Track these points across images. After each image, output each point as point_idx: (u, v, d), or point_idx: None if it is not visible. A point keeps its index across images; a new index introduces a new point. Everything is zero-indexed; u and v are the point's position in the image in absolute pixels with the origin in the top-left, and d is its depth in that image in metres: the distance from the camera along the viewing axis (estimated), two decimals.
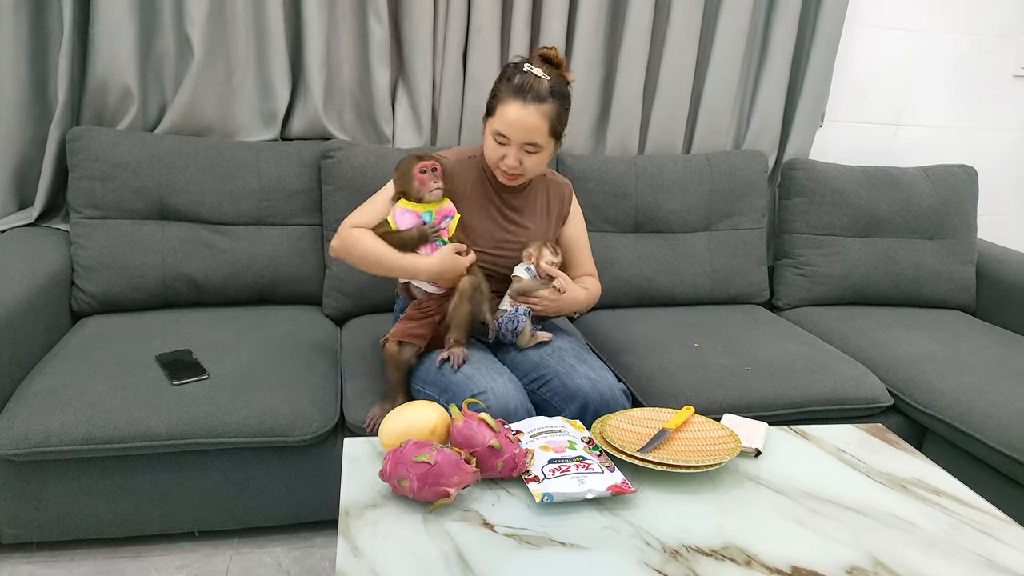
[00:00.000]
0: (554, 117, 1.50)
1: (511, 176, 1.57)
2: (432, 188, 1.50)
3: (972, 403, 1.78)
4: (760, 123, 2.44)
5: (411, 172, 1.50)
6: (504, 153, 1.53)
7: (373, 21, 2.07)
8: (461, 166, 1.64)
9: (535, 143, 1.51)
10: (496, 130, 1.51)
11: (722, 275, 2.31)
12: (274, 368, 1.69)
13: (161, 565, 1.63)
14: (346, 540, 1.02)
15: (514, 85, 1.48)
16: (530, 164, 1.54)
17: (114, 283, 1.92)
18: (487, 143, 1.56)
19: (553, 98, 1.49)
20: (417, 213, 1.52)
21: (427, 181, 1.50)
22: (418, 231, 1.51)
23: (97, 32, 1.93)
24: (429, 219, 1.53)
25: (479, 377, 1.48)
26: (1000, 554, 1.08)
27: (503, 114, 1.48)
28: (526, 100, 1.47)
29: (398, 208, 1.54)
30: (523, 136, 1.49)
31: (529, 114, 1.47)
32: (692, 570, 1.00)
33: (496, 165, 1.56)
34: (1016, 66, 2.65)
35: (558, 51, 1.54)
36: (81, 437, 1.47)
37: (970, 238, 2.43)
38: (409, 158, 1.52)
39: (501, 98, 1.49)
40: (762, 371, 1.83)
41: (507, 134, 1.49)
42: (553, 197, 1.72)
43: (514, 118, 1.47)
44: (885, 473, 1.28)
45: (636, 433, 1.30)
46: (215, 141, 2.04)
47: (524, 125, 1.48)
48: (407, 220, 1.53)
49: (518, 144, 1.50)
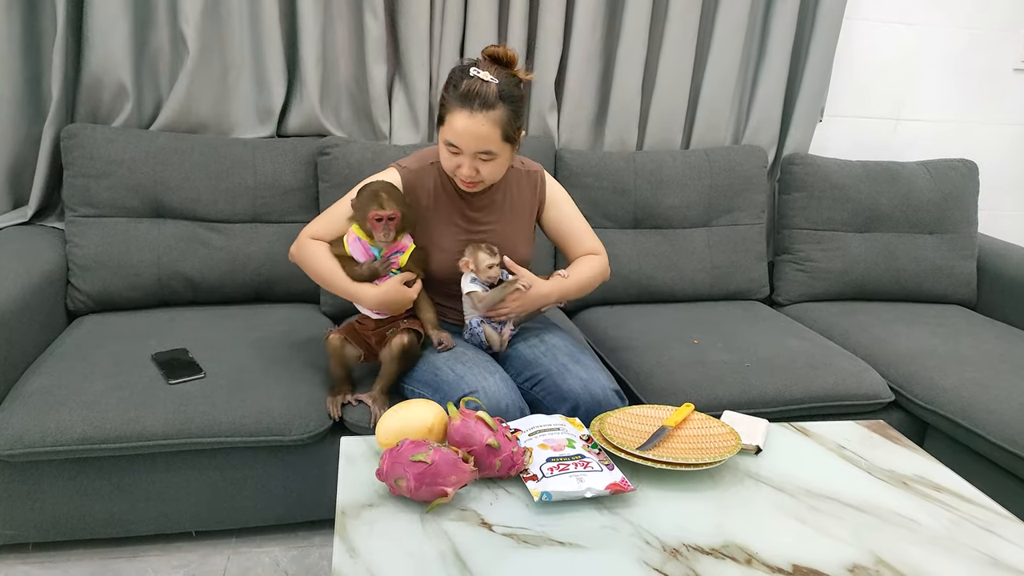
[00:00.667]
0: (505, 122, 1.43)
1: (471, 184, 1.52)
2: (382, 240, 1.47)
3: (974, 398, 1.77)
4: (759, 118, 2.43)
5: (367, 214, 1.46)
6: (458, 163, 1.47)
7: (369, 17, 2.06)
8: (422, 174, 1.60)
9: (488, 151, 1.45)
10: (446, 140, 1.45)
11: (722, 271, 2.29)
12: (271, 367, 1.67)
13: (158, 565, 1.62)
14: (343, 540, 1.01)
15: (460, 93, 1.41)
16: (487, 171, 1.49)
17: (109, 282, 1.91)
18: (441, 153, 1.51)
19: (503, 102, 1.41)
20: (367, 246, 1.51)
21: (378, 230, 1.46)
22: (368, 269, 1.51)
23: (91, 29, 1.91)
24: (378, 254, 1.52)
25: (471, 376, 1.47)
26: (1003, 551, 1.07)
27: (451, 124, 1.42)
28: (473, 108, 1.40)
29: (352, 233, 1.52)
30: (474, 146, 1.43)
31: (478, 123, 1.40)
32: (692, 569, 0.99)
33: (453, 174, 1.52)
34: (1016, 60, 2.63)
35: (508, 48, 1.47)
36: (77, 437, 1.46)
37: (970, 233, 2.42)
38: (372, 196, 1.46)
39: (448, 107, 1.43)
40: (762, 367, 1.82)
41: (457, 144, 1.44)
42: (523, 188, 1.66)
43: (462, 128, 1.41)
44: (886, 470, 1.27)
45: (635, 431, 1.29)
46: (211, 138, 2.02)
47: (473, 134, 1.41)
48: (358, 250, 1.51)
49: (471, 153, 1.45)
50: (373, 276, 1.51)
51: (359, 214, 1.49)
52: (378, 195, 1.46)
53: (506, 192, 1.65)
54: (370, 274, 1.51)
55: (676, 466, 1.16)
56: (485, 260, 1.54)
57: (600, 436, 1.23)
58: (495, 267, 1.55)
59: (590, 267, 1.67)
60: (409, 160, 1.63)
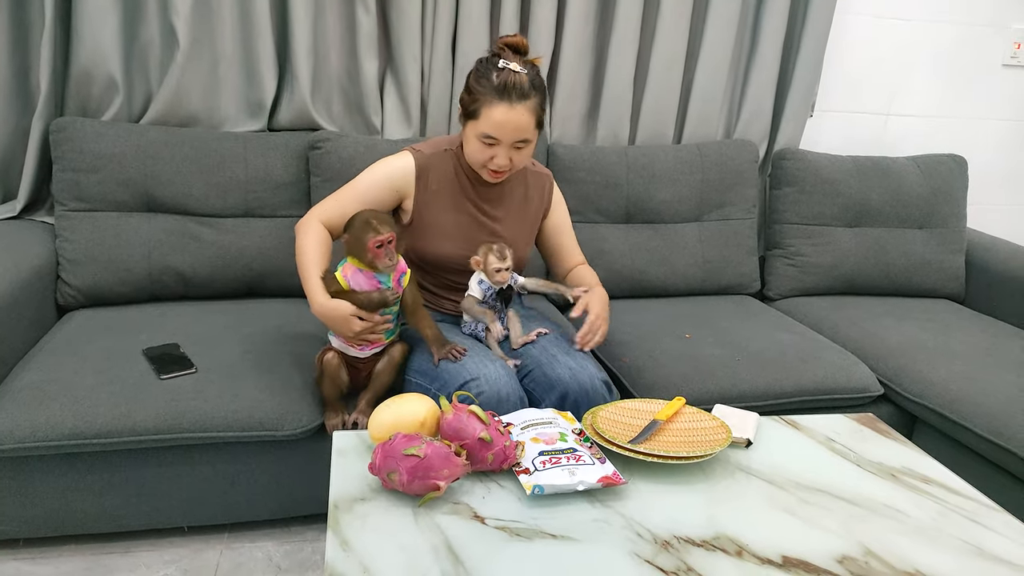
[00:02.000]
0: (539, 110, 1.49)
1: (500, 174, 1.55)
2: (387, 264, 1.45)
3: (961, 392, 1.78)
4: (751, 112, 2.43)
5: (366, 243, 1.43)
6: (492, 154, 1.51)
7: (361, 11, 2.05)
8: (435, 159, 1.61)
9: (525, 139, 1.50)
10: (483, 133, 1.48)
11: (713, 265, 2.30)
12: (263, 362, 1.67)
13: (150, 560, 1.62)
14: (335, 534, 1.01)
15: (495, 85, 1.44)
16: (519, 159, 1.53)
17: (100, 276, 1.90)
18: (471, 145, 1.52)
19: (535, 91, 1.47)
20: (372, 275, 1.48)
21: (382, 256, 1.44)
22: (380, 296, 1.47)
23: (80, 21, 1.90)
24: (388, 283, 1.49)
25: (471, 364, 1.47)
26: (988, 541, 1.09)
27: (489, 116, 1.46)
28: (512, 100, 1.44)
29: (350, 267, 1.49)
30: (513, 136, 1.48)
31: (518, 114, 1.45)
32: (683, 561, 1.00)
33: (483, 166, 1.54)
34: (1005, 55, 2.65)
35: (521, 36, 1.51)
36: (67, 432, 1.46)
37: (959, 227, 2.44)
38: (363, 225, 1.44)
39: (483, 100, 1.46)
40: (753, 361, 1.83)
41: (497, 136, 1.47)
42: (532, 188, 1.70)
43: (503, 119, 1.45)
44: (875, 462, 1.29)
45: (627, 424, 1.29)
46: (201, 132, 2.02)
47: (515, 125, 1.46)
48: (360, 281, 1.48)
49: (508, 144, 1.49)
50: (383, 303, 1.48)
51: (356, 246, 1.45)
52: (369, 222, 1.43)
53: (515, 189, 1.67)
54: (381, 300, 1.47)
55: (667, 459, 1.17)
56: (494, 263, 1.53)
57: (592, 430, 1.24)
58: (503, 272, 1.54)
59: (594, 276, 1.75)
60: (423, 145, 1.64)
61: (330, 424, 1.56)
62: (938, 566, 1.02)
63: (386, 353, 1.58)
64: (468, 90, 1.51)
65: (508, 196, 1.66)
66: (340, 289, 1.48)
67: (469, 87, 1.50)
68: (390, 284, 1.50)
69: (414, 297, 1.56)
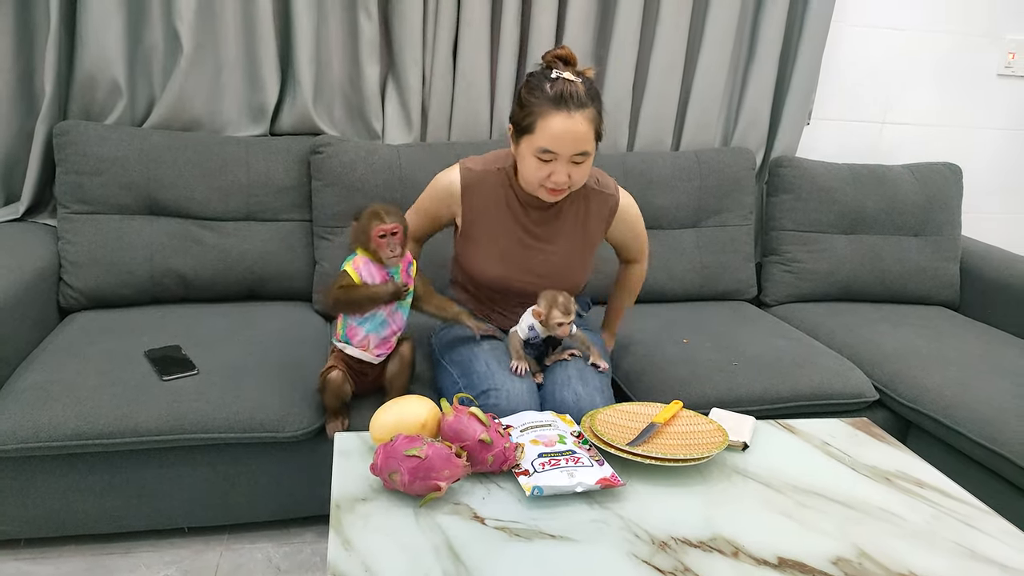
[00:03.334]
0: (597, 120, 1.41)
1: (559, 192, 1.46)
2: (390, 255, 1.44)
3: (956, 398, 1.80)
4: (748, 120, 2.46)
5: (370, 232, 1.43)
6: (551, 170, 1.42)
7: (363, 17, 2.07)
8: (485, 177, 1.55)
9: (584, 151, 1.41)
10: (540, 148, 1.40)
11: (710, 271, 2.32)
12: (264, 364, 1.68)
13: (150, 561, 1.63)
14: (337, 533, 1.03)
15: (552, 96, 1.37)
16: (578, 175, 1.45)
17: (102, 279, 1.91)
18: (527, 164, 1.44)
19: (592, 100, 1.40)
20: (380, 267, 1.48)
21: (384, 247, 1.43)
22: (393, 287, 1.47)
23: (84, 26, 1.92)
24: (397, 275, 1.49)
25: (500, 375, 1.47)
26: (981, 544, 1.10)
27: (547, 129, 1.37)
28: (570, 109, 1.36)
29: (360, 259, 1.48)
30: (573, 147, 1.39)
31: (576, 123, 1.37)
32: (680, 562, 1.02)
33: (541, 184, 1.45)
34: (1000, 65, 2.68)
35: (569, 49, 1.45)
36: (70, 433, 1.47)
37: (954, 235, 2.46)
38: (371, 214, 1.44)
39: (539, 112, 1.38)
40: (750, 366, 1.85)
41: (555, 149, 1.39)
42: (593, 208, 1.60)
43: (561, 130, 1.37)
44: (870, 466, 1.30)
45: (625, 427, 1.31)
46: (204, 136, 2.03)
47: (574, 136, 1.38)
48: (372, 273, 1.47)
49: (567, 157, 1.40)
50: (396, 295, 1.48)
51: (362, 237, 1.46)
52: (377, 212, 1.44)
53: (570, 211, 1.59)
54: (395, 292, 1.47)
55: (664, 461, 1.19)
56: (557, 318, 1.48)
57: (590, 432, 1.25)
58: (565, 326, 1.49)
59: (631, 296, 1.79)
60: (476, 160, 1.58)
61: (331, 427, 1.58)
62: (931, 569, 1.04)
63: (396, 354, 1.57)
64: (520, 103, 1.43)
65: (563, 218, 1.58)
66: (351, 282, 1.47)
67: (521, 100, 1.42)
68: (398, 274, 1.49)
69: (424, 284, 1.55)
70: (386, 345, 1.54)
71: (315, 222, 2.06)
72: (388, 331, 1.53)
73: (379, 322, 1.50)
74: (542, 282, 1.57)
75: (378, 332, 1.51)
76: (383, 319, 1.50)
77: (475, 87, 2.20)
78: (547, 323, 1.49)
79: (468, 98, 2.21)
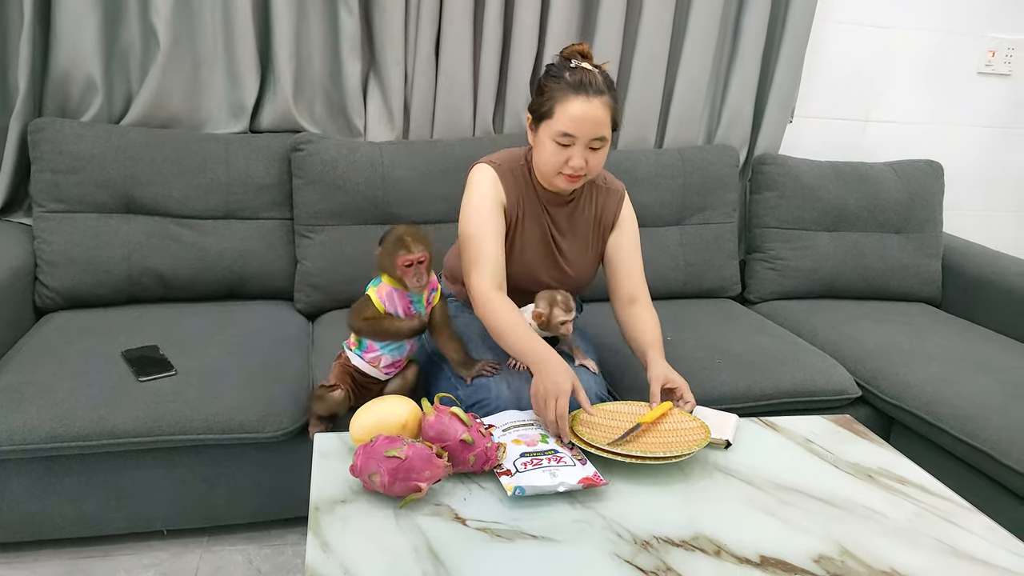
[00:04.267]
0: (614, 109, 1.44)
1: (575, 179, 1.46)
2: (416, 284, 1.40)
3: (938, 394, 1.81)
4: (731, 118, 2.46)
5: (395, 261, 1.38)
6: (568, 156, 1.43)
7: (344, 12, 2.05)
8: (514, 176, 1.54)
9: (602, 137, 1.43)
10: (559, 131, 1.41)
11: (694, 269, 2.32)
12: (244, 364, 1.66)
13: (129, 564, 1.61)
14: (316, 536, 1.01)
15: (571, 82, 1.40)
16: (595, 162, 1.46)
17: (79, 278, 1.88)
18: (545, 149, 1.45)
19: (609, 89, 1.43)
20: (405, 294, 1.44)
21: (410, 275, 1.39)
22: (419, 323, 1.45)
23: (59, 21, 1.88)
24: (419, 306, 1.46)
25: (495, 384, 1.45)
26: (962, 541, 1.11)
27: (566, 112, 1.40)
28: (589, 94, 1.39)
29: (384, 287, 1.44)
30: (591, 131, 1.41)
31: (595, 107, 1.40)
32: (663, 561, 1.01)
33: (558, 171, 1.45)
34: (981, 63, 2.69)
35: (586, 44, 1.48)
36: (45, 435, 1.44)
37: (936, 232, 2.47)
38: (396, 241, 1.39)
39: (559, 98, 1.41)
40: (733, 364, 1.85)
41: (574, 132, 1.41)
42: (603, 207, 1.61)
43: (580, 114, 1.39)
44: (852, 463, 1.30)
45: (609, 427, 1.30)
46: (182, 133, 2.01)
47: (593, 119, 1.40)
48: (395, 302, 1.44)
49: (585, 142, 1.42)
50: (422, 329, 1.46)
51: (387, 262, 1.40)
52: (403, 239, 1.38)
53: (585, 210, 1.60)
54: (420, 326, 1.45)
55: (645, 460, 1.18)
56: (560, 316, 1.47)
57: (572, 432, 1.24)
58: (567, 324, 1.48)
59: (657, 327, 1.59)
60: (493, 158, 1.56)
61: (313, 429, 1.56)
62: (913, 565, 1.04)
63: (400, 375, 1.55)
64: (540, 91, 1.46)
65: (577, 220, 1.59)
66: (376, 313, 1.44)
67: (541, 87, 1.45)
68: (422, 304, 1.47)
69: (443, 316, 1.51)
70: (396, 365, 1.53)
71: (296, 220, 2.04)
72: (403, 354, 1.51)
73: (396, 346, 1.49)
74: (563, 279, 1.58)
75: (392, 356, 1.50)
76: (401, 344, 1.49)
77: (458, 84, 2.18)
78: (549, 323, 1.48)
79: (451, 95, 2.19)
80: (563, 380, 1.28)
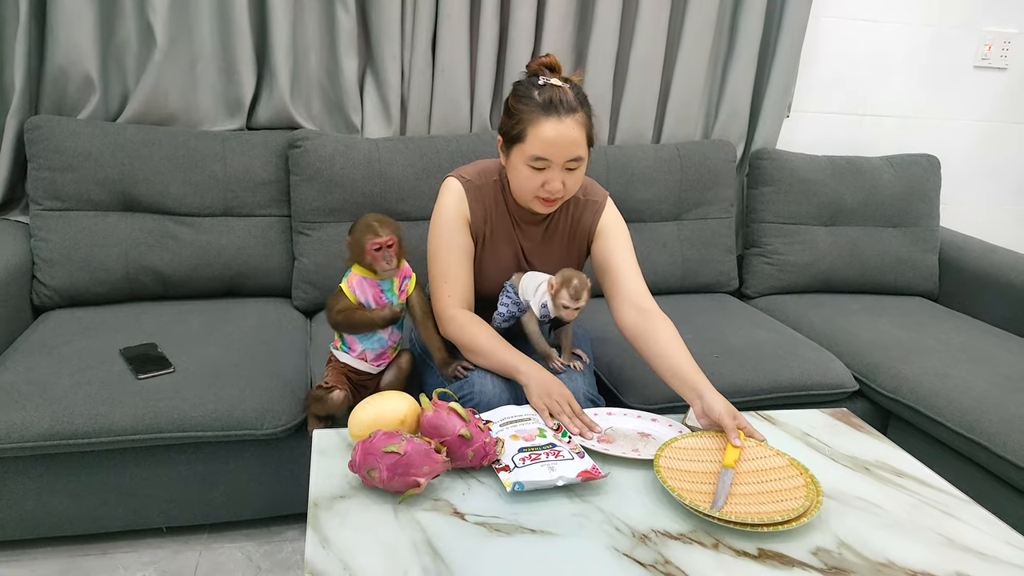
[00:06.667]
0: (588, 125, 1.38)
1: (552, 202, 1.42)
2: (385, 268, 1.40)
3: (935, 388, 1.81)
4: (728, 113, 2.46)
5: (364, 246, 1.39)
6: (544, 179, 1.38)
7: (340, 10, 2.05)
8: (484, 191, 1.50)
9: (577, 157, 1.38)
10: (533, 155, 1.36)
11: (692, 264, 2.32)
12: (242, 361, 1.66)
13: (128, 562, 1.61)
14: (315, 532, 1.01)
15: (541, 102, 1.34)
16: (572, 182, 1.41)
17: (76, 276, 1.88)
18: (519, 173, 1.40)
19: (581, 105, 1.37)
20: (376, 283, 1.44)
21: (379, 260, 1.39)
22: (390, 312, 1.44)
23: (55, 19, 1.88)
24: (391, 294, 1.46)
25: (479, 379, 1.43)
26: (960, 533, 1.11)
27: (539, 136, 1.34)
28: (561, 115, 1.33)
29: (355, 276, 1.44)
30: (566, 153, 1.36)
31: (568, 127, 1.34)
32: (661, 554, 1.01)
33: (534, 196, 1.41)
34: (977, 57, 2.69)
35: (554, 57, 1.42)
36: (43, 432, 1.44)
37: (933, 226, 2.48)
38: (364, 227, 1.40)
39: (529, 120, 1.35)
40: (731, 358, 1.85)
41: (548, 156, 1.35)
42: (582, 219, 1.56)
43: (554, 136, 1.34)
44: (850, 456, 1.31)
45: (691, 471, 1.18)
46: (179, 130, 2.00)
47: (567, 140, 1.34)
48: (365, 290, 1.44)
49: (560, 164, 1.37)
50: (393, 320, 1.46)
51: (356, 250, 1.41)
52: (370, 224, 1.39)
53: (559, 224, 1.56)
54: (392, 317, 1.45)
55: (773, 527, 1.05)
56: (564, 299, 1.42)
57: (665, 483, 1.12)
58: (570, 311, 1.44)
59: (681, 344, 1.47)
60: (466, 171, 1.52)
61: (312, 426, 1.55)
62: (911, 557, 1.05)
63: (394, 364, 1.55)
64: (508, 113, 1.39)
65: (551, 235, 1.55)
66: (348, 305, 1.44)
67: (510, 110, 1.39)
68: (393, 291, 1.46)
69: (422, 307, 1.51)
70: (384, 357, 1.53)
71: (294, 217, 2.04)
72: (384, 346, 1.51)
73: (375, 339, 1.49)
74: None
75: (374, 348, 1.50)
76: (379, 335, 1.49)
77: (454, 81, 2.18)
78: (555, 301, 1.45)
79: (447, 92, 2.19)
80: (561, 385, 1.35)
